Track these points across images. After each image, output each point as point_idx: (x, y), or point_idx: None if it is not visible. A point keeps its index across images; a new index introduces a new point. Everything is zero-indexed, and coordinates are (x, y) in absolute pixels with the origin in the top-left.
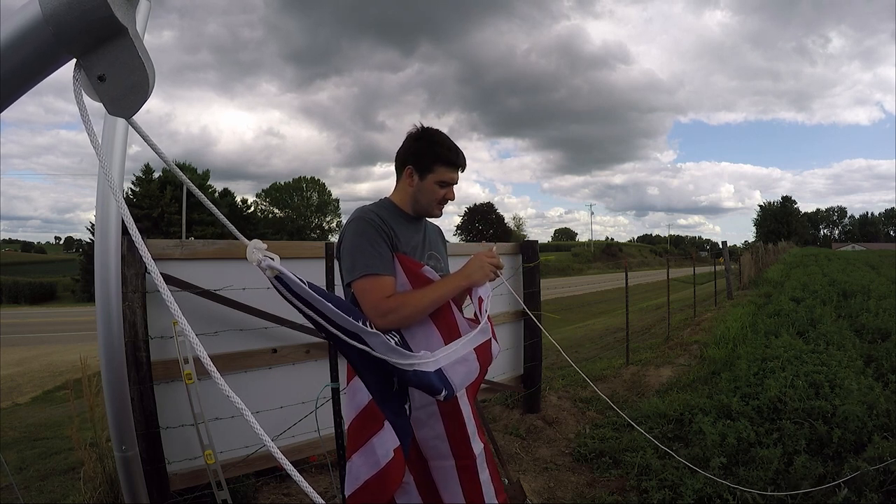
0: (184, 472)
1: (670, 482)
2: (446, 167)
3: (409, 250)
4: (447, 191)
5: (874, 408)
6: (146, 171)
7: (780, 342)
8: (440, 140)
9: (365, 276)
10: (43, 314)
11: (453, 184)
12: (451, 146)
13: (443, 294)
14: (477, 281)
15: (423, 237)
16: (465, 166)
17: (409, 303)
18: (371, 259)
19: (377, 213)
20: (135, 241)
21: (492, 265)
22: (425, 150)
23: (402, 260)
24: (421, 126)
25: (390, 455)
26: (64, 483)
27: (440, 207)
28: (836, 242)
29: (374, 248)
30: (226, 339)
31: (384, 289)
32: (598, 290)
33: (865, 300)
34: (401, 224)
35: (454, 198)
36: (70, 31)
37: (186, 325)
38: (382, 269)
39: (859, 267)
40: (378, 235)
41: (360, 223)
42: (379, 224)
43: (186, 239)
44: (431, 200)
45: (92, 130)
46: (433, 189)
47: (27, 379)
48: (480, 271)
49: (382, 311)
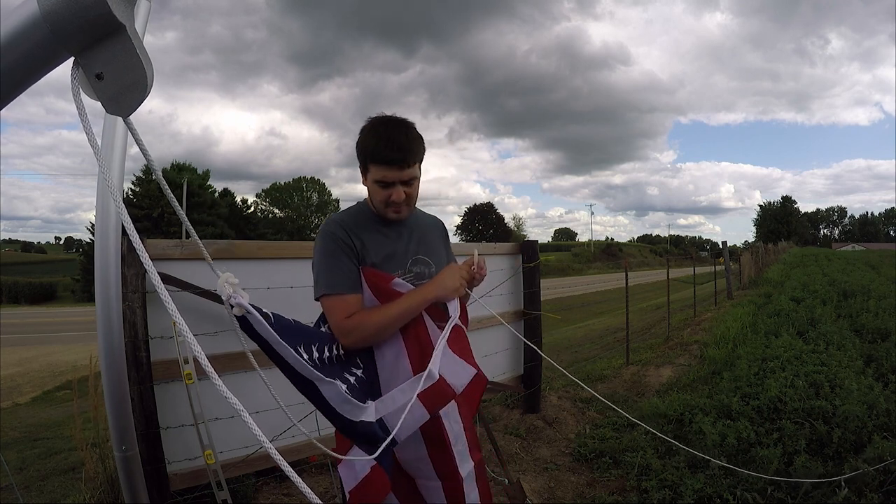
0: (184, 472)
1: (670, 482)
2: (377, 164)
3: (381, 260)
4: (391, 192)
5: (874, 408)
6: (146, 171)
7: (780, 342)
8: (372, 133)
9: (325, 295)
10: (43, 314)
11: (394, 182)
12: (382, 138)
13: (406, 308)
14: (444, 295)
15: (408, 241)
16: (403, 162)
17: (370, 321)
18: (332, 277)
19: (342, 224)
20: (134, 244)
21: (464, 278)
22: (360, 146)
23: (368, 275)
24: (368, 118)
25: (367, 470)
26: (64, 483)
27: (392, 210)
28: (836, 242)
29: (335, 264)
30: (226, 339)
31: (345, 308)
32: (598, 290)
33: (865, 300)
34: (372, 231)
35: (402, 199)
36: (68, 28)
37: (185, 326)
38: (343, 287)
39: (859, 267)
40: (339, 250)
41: (322, 238)
42: (342, 237)
43: (186, 239)
44: (378, 203)
45: (90, 129)
46: (374, 189)
47: (27, 379)
48: (450, 284)
49: (344, 331)
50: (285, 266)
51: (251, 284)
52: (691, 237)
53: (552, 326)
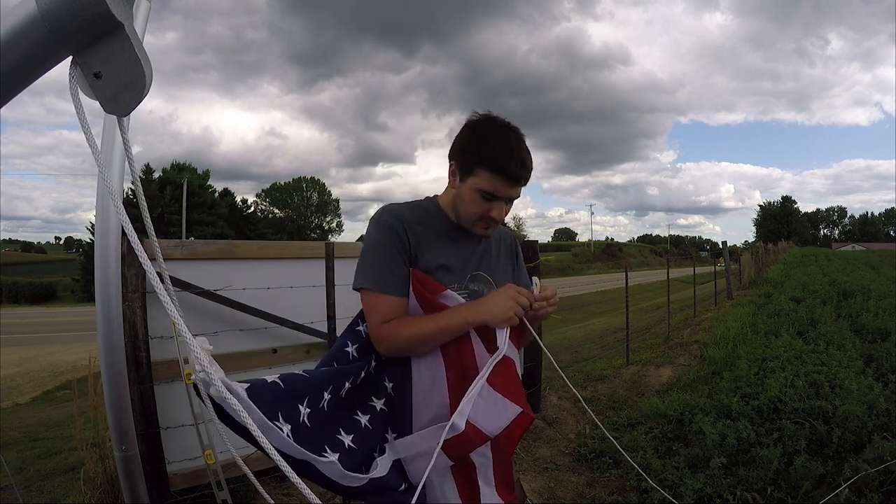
0: (184, 472)
1: (670, 482)
2: (491, 173)
3: (436, 269)
4: (492, 206)
5: (874, 408)
6: (146, 171)
7: (780, 342)
8: (494, 135)
9: (364, 290)
10: (43, 314)
11: (502, 199)
12: (507, 147)
13: (443, 327)
14: (492, 321)
15: (471, 253)
16: (520, 179)
17: (403, 333)
18: (377, 272)
19: (402, 218)
20: (134, 246)
21: (520, 306)
22: (471, 146)
23: (417, 279)
24: (483, 113)
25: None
26: (64, 483)
27: (482, 226)
28: (836, 242)
29: (384, 259)
30: (226, 339)
31: (385, 310)
32: (598, 290)
33: (865, 300)
34: (433, 234)
35: (502, 219)
36: (66, 27)
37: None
38: (386, 286)
39: (859, 267)
40: (393, 245)
41: (377, 227)
42: (399, 232)
43: (186, 239)
44: (470, 214)
45: (88, 129)
46: (472, 198)
47: (27, 379)
48: (499, 309)
49: (377, 338)
50: (285, 266)
51: (251, 284)
52: (691, 237)
53: (552, 326)
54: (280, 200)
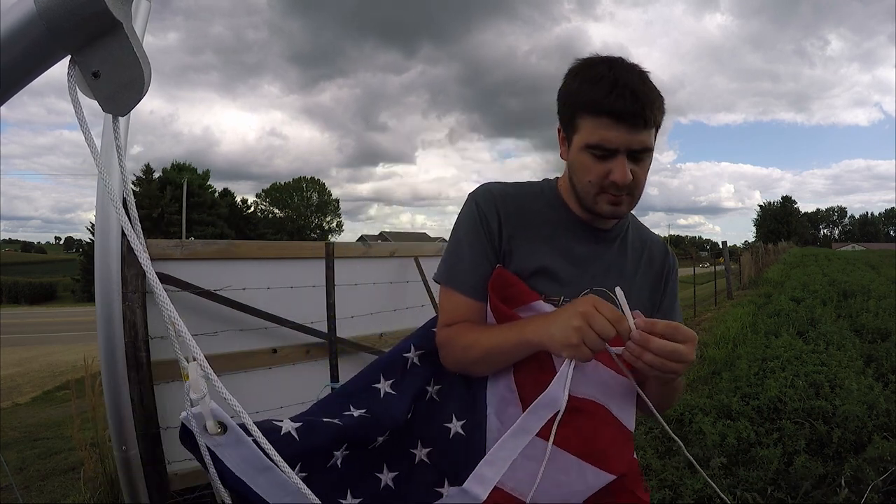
0: (184, 472)
1: (670, 482)
2: (594, 117)
3: (535, 271)
4: (610, 166)
5: (874, 408)
6: (146, 171)
7: (780, 342)
8: (590, 71)
9: (440, 283)
10: (43, 314)
11: (617, 150)
12: (608, 80)
13: (499, 342)
14: (550, 344)
15: (594, 259)
16: (638, 117)
17: (459, 342)
18: (453, 263)
19: (501, 198)
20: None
21: (590, 330)
22: (567, 93)
23: (498, 280)
24: (577, 59)
25: None
26: (64, 483)
27: (607, 201)
28: (836, 242)
29: (464, 249)
30: (226, 339)
31: (452, 310)
32: None
33: (865, 300)
34: (541, 225)
35: (627, 180)
36: (64, 26)
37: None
38: (458, 283)
39: (859, 267)
40: (476, 232)
41: (466, 206)
42: (490, 215)
43: (186, 239)
44: (584, 184)
45: (87, 129)
46: (583, 163)
47: (27, 379)
48: (557, 331)
49: (438, 341)
50: (285, 266)
51: (251, 285)
52: (691, 237)
53: None
54: (280, 200)
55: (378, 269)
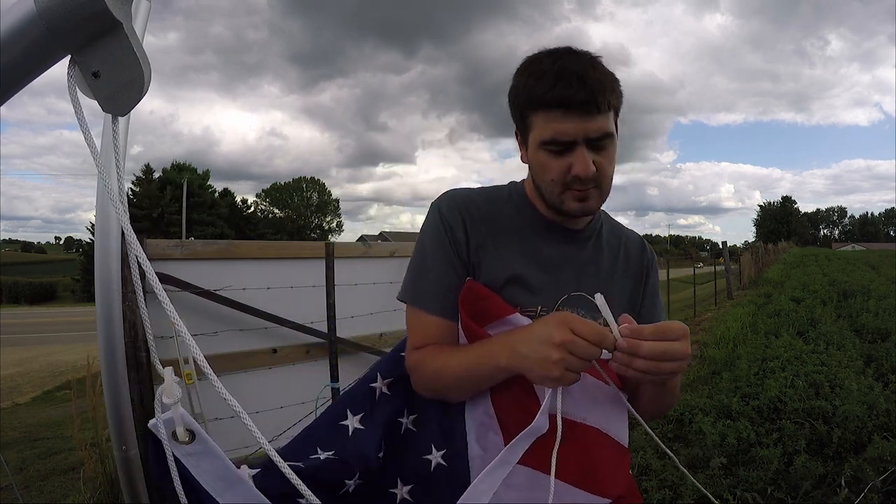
0: None
1: (670, 482)
2: (545, 110)
3: (507, 281)
4: (569, 160)
5: (874, 408)
6: (146, 171)
7: (780, 342)
8: (535, 65)
9: (405, 302)
10: (43, 314)
11: (574, 142)
12: (553, 70)
13: (470, 365)
14: (532, 378)
15: (567, 261)
16: (590, 104)
17: (429, 366)
18: (418, 281)
19: (466, 205)
20: (132, 247)
21: (569, 352)
22: (514, 92)
23: (469, 294)
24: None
25: None
26: (64, 483)
27: (573, 197)
28: (836, 242)
29: (429, 263)
30: (226, 339)
31: (420, 332)
32: None
33: (865, 300)
34: (510, 230)
35: (589, 172)
36: (64, 26)
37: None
38: (426, 301)
39: (859, 267)
40: (441, 245)
41: (429, 216)
42: (455, 225)
43: (186, 239)
44: (547, 182)
45: (87, 129)
46: (541, 162)
47: (27, 379)
48: (542, 367)
49: (408, 365)
50: (285, 266)
51: (251, 285)
52: (691, 237)
53: None
54: (280, 200)
55: (378, 269)
